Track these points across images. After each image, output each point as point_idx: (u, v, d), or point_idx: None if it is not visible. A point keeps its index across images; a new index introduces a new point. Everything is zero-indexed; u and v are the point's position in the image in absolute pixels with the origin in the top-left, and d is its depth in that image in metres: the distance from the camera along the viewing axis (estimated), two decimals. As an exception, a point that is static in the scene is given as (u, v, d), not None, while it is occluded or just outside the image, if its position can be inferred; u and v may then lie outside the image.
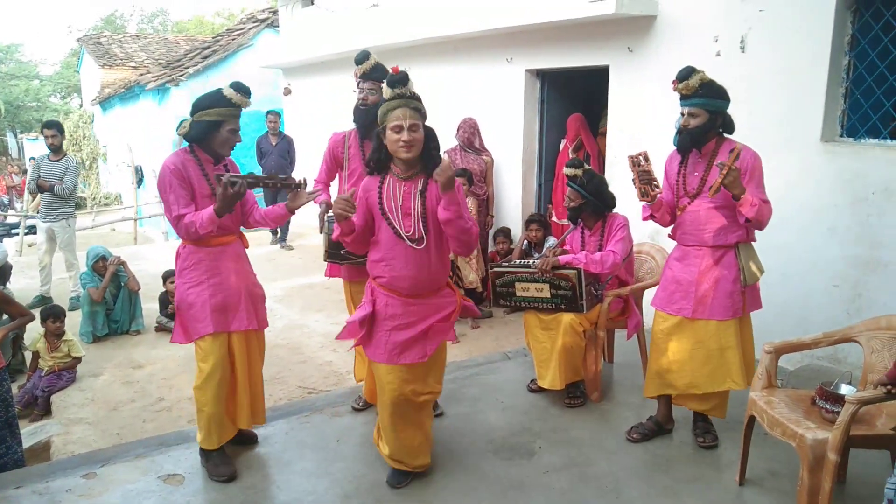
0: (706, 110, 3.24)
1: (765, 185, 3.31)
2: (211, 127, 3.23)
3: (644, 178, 3.36)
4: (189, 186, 3.23)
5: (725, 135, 3.37)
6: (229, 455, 3.47)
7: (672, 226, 3.62)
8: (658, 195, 3.42)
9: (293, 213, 3.43)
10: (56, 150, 7.07)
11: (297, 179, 3.34)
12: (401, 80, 2.87)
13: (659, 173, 3.49)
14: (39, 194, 7.16)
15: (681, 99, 3.30)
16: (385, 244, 3.01)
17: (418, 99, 2.91)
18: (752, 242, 3.44)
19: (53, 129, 7.07)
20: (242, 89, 3.26)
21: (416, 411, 3.17)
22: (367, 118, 3.77)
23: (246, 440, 3.67)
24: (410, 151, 2.89)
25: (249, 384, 3.49)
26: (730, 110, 4.73)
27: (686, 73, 3.25)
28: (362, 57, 3.76)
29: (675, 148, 3.52)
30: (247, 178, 3.15)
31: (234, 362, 3.42)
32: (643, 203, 3.50)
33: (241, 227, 3.52)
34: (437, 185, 2.88)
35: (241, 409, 3.49)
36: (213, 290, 3.29)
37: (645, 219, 3.62)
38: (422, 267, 2.99)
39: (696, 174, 3.39)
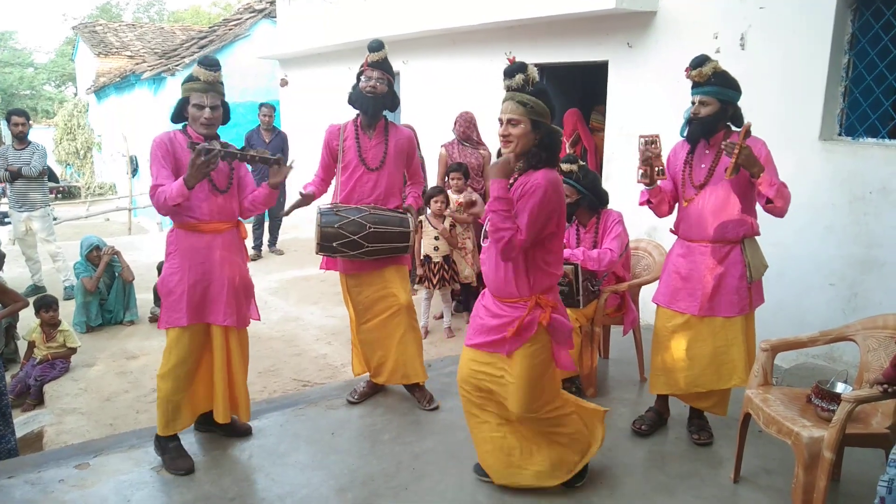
0: (717, 99, 3.22)
1: (778, 172, 3.25)
2: (181, 105, 3.25)
3: (647, 160, 3.31)
4: (173, 161, 3.22)
5: (734, 128, 3.32)
6: (184, 449, 3.43)
7: (667, 217, 3.59)
8: (659, 181, 3.38)
9: (276, 188, 3.40)
10: (21, 139, 6.98)
11: (276, 156, 3.33)
12: (509, 72, 2.76)
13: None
14: (9, 184, 7.03)
15: (693, 87, 3.27)
16: None
17: (535, 92, 2.72)
18: (756, 237, 3.41)
19: (23, 117, 6.98)
20: (205, 62, 3.23)
21: (478, 409, 3.07)
22: (377, 106, 3.75)
23: (240, 432, 3.65)
24: (507, 146, 2.76)
25: (228, 380, 3.41)
26: (729, 107, 4.72)
27: (700, 61, 3.23)
28: (378, 45, 3.72)
29: (681, 139, 3.50)
30: (223, 148, 3.12)
31: (212, 354, 3.38)
32: (643, 188, 3.44)
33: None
34: (522, 182, 2.75)
35: (217, 404, 3.43)
36: (195, 280, 3.25)
37: (641, 203, 3.57)
38: (489, 266, 2.88)
39: (703, 165, 3.35)
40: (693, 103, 3.27)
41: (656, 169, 3.35)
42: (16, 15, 51.49)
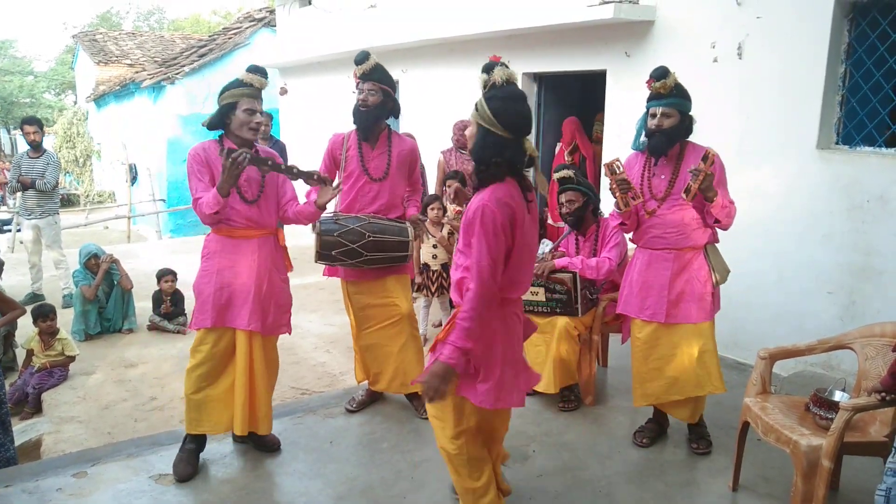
0: (678, 111, 3.25)
1: (728, 189, 3.34)
2: (226, 110, 3.23)
3: (623, 187, 3.33)
4: (209, 171, 3.22)
5: (688, 140, 3.37)
6: (197, 457, 3.41)
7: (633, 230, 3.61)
8: (635, 204, 3.36)
9: (323, 209, 3.39)
10: (36, 147, 7.05)
11: (319, 172, 3.32)
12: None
13: None
14: (21, 192, 7.09)
15: (654, 99, 3.28)
16: None
17: (490, 96, 2.46)
18: (717, 244, 3.46)
19: (35, 126, 7.05)
20: (255, 69, 3.28)
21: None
22: (369, 120, 3.74)
23: (269, 447, 3.60)
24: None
25: (249, 388, 3.36)
26: (726, 116, 4.77)
27: (663, 73, 3.25)
28: (362, 57, 3.72)
29: (633, 151, 3.52)
30: (255, 156, 3.10)
31: (235, 360, 3.36)
32: (616, 211, 3.47)
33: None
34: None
35: (235, 413, 3.37)
36: (221, 283, 3.26)
37: (615, 227, 3.61)
38: None
39: (662, 177, 3.37)
40: (654, 115, 3.28)
41: (630, 193, 3.34)
42: (16, 23, 51.71)
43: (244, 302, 3.28)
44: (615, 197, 3.37)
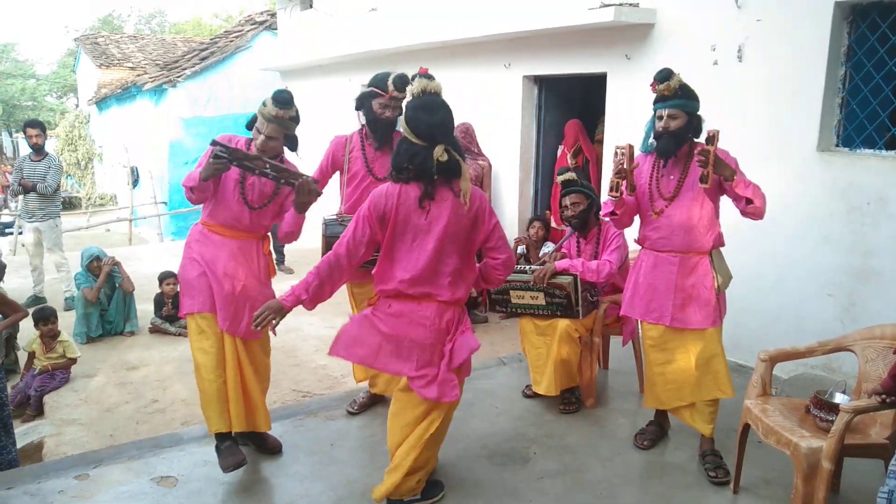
0: (685, 111, 3.24)
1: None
2: (252, 118, 3.32)
3: (619, 174, 3.30)
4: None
5: (696, 140, 3.34)
6: (237, 446, 3.36)
7: (628, 228, 3.62)
8: (623, 192, 3.34)
9: (302, 213, 3.27)
10: (39, 150, 7.06)
11: (302, 175, 3.16)
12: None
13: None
14: (23, 195, 7.13)
15: (659, 101, 3.27)
16: None
17: (405, 107, 2.90)
18: (721, 248, 3.42)
19: (38, 129, 7.06)
20: (276, 97, 3.18)
21: None
22: (390, 130, 3.77)
23: (269, 449, 3.60)
24: None
25: (241, 387, 3.36)
26: (726, 119, 4.76)
27: (666, 75, 3.24)
28: (404, 84, 3.57)
29: (641, 152, 3.50)
30: (239, 155, 3.04)
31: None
32: (609, 198, 3.41)
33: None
34: None
35: (231, 408, 3.34)
36: (202, 269, 3.26)
37: (604, 215, 3.59)
38: None
39: (671, 177, 3.35)
40: (660, 118, 3.27)
41: (623, 181, 3.31)
42: (18, 27, 51.83)
43: (218, 300, 3.26)
44: (611, 181, 3.33)
